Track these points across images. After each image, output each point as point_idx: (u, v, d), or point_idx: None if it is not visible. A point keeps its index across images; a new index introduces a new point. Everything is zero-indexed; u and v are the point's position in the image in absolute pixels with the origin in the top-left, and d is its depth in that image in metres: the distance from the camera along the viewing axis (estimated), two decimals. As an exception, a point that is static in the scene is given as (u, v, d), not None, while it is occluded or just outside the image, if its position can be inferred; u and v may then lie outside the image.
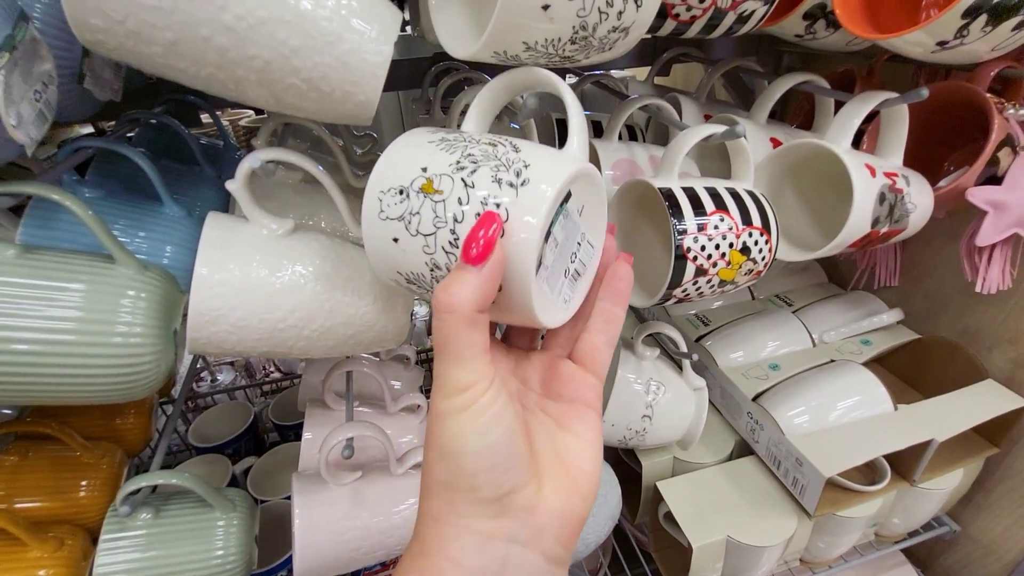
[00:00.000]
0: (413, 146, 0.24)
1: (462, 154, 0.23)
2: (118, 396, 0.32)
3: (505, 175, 0.22)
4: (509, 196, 0.21)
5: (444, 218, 0.22)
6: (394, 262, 0.24)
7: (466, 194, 0.22)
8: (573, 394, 0.25)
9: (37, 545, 0.41)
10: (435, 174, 0.23)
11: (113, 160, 0.43)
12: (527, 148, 0.24)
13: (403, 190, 0.23)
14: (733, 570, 0.55)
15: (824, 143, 0.40)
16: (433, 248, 0.22)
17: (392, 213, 0.23)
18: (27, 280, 0.29)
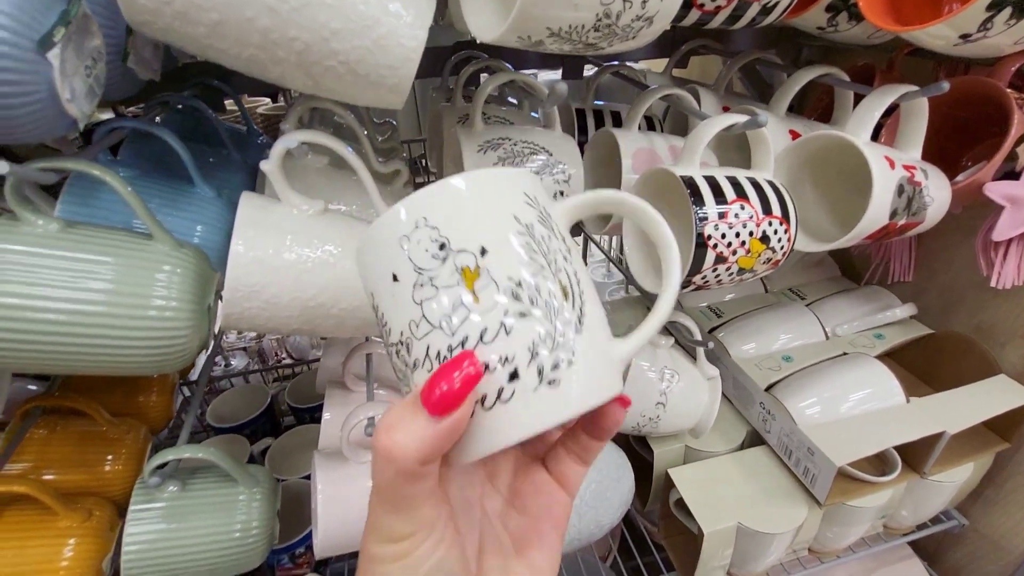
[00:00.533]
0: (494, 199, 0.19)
1: (534, 264, 0.18)
2: (152, 368, 0.33)
3: (545, 354, 0.18)
4: (530, 380, 0.17)
5: (456, 326, 0.18)
6: (377, 294, 0.20)
7: (498, 325, 0.17)
8: (540, 509, 0.23)
9: (67, 515, 0.43)
10: (489, 268, 0.18)
11: (144, 141, 0.44)
12: (591, 317, 0.19)
13: (444, 246, 0.18)
14: (742, 558, 0.56)
15: (844, 134, 0.41)
16: (421, 333, 0.18)
17: (416, 254, 0.18)
18: (69, 253, 0.30)
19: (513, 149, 0.40)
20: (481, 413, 0.18)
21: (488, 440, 0.18)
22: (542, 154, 0.41)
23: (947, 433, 0.51)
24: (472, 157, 0.39)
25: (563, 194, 0.42)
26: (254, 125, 0.57)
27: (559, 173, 0.41)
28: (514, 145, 0.40)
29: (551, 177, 0.41)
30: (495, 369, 0.17)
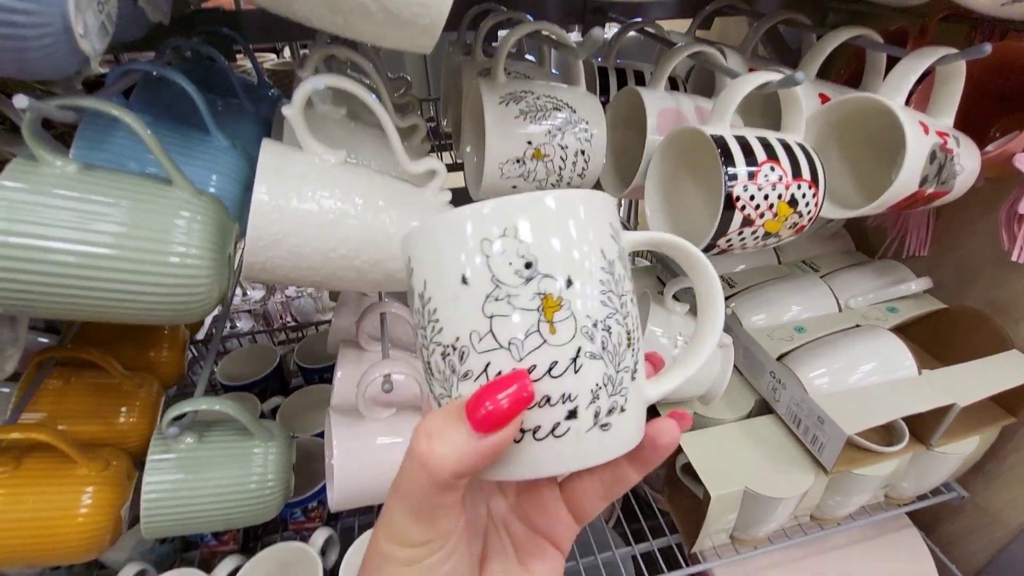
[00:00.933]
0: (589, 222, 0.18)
1: (610, 306, 0.18)
2: (172, 317, 0.33)
3: (604, 398, 0.18)
4: (586, 421, 0.18)
5: (525, 352, 0.17)
6: (434, 287, 0.18)
7: (569, 362, 0.17)
8: (545, 529, 0.22)
9: (85, 463, 0.43)
10: (572, 301, 0.17)
11: (155, 88, 0.43)
12: (641, 363, 0.20)
13: (531, 265, 0.17)
14: (746, 522, 0.57)
15: (879, 97, 0.40)
16: (483, 348, 0.17)
17: (498, 264, 0.17)
18: (88, 195, 0.29)
19: (536, 103, 0.38)
20: (529, 441, 0.18)
21: (529, 467, 0.18)
22: (565, 110, 0.39)
23: (957, 405, 0.51)
24: (494, 109, 0.38)
25: (584, 153, 0.41)
26: (265, 76, 0.55)
27: (581, 131, 0.40)
28: (537, 99, 0.39)
29: (573, 135, 0.40)
30: (556, 404, 0.17)
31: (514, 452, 0.18)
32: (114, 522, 0.44)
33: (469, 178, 0.47)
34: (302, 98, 0.30)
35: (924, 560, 0.63)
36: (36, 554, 0.42)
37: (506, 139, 0.38)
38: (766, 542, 0.60)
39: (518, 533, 0.22)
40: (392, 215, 0.33)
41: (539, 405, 0.17)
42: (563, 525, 0.22)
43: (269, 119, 0.49)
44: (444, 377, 0.18)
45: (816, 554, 0.63)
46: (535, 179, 0.40)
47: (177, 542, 0.62)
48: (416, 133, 0.46)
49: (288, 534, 0.63)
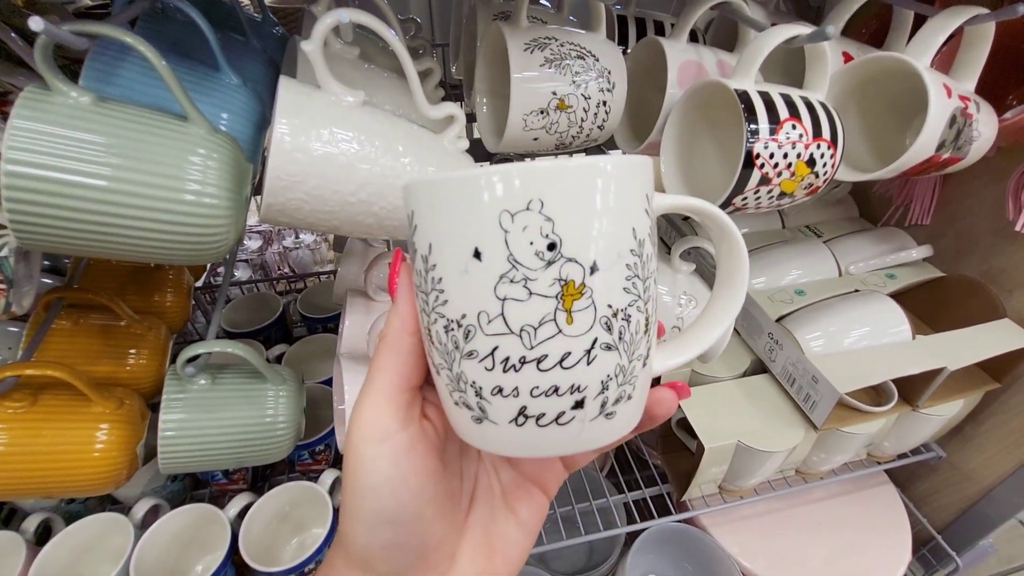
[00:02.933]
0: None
1: (633, 293, 0.17)
2: (188, 256, 0.33)
3: (612, 389, 0.17)
4: (592, 411, 0.18)
5: (538, 341, 0.16)
6: (441, 255, 0.17)
7: (583, 354, 0.16)
8: (535, 473, 0.23)
9: (100, 401, 0.44)
10: (593, 289, 0.16)
11: (160, 21, 0.41)
12: (653, 346, 0.19)
13: (555, 247, 0.16)
14: (735, 473, 0.60)
15: (906, 58, 0.39)
16: (492, 331, 0.16)
17: (516, 242, 0.16)
18: (101, 127, 0.28)
19: (560, 50, 0.37)
20: (532, 427, 0.17)
21: (528, 448, 0.18)
22: (589, 58, 0.38)
23: (947, 369, 0.53)
24: (519, 56, 0.37)
25: (606, 104, 0.40)
26: (269, 13, 0.53)
27: (604, 80, 0.39)
28: (560, 46, 0.38)
29: (596, 85, 0.39)
30: (563, 395, 0.17)
31: (516, 434, 0.17)
32: (130, 459, 0.45)
33: (484, 128, 0.47)
34: (322, 33, 0.29)
35: (898, 514, 0.66)
36: (53, 486, 0.43)
37: (532, 88, 0.37)
38: (752, 493, 0.63)
39: (507, 478, 0.23)
40: (411, 160, 0.33)
41: (546, 394, 0.17)
42: (553, 472, 0.23)
43: (275, 58, 0.48)
44: (446, 351, 0.18)
45: (797, 505, 0.67)
46: (557, 131, 0.39)
47: (188, 480, 0.63)
48: (430, 77, 0.45)
49: (295, 475, 0.65)
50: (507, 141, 0.39)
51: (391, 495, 0.18)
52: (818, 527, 0.65)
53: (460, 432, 0.19)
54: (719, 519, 0.64)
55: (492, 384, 0.17)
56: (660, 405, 0.21)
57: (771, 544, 0.63)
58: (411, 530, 0.19)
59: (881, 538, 0.64)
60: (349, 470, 0.18)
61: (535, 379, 0.16)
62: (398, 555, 0.19)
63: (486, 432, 0.18)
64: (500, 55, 0.39)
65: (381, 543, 0.18)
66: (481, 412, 0.18)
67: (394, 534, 0.18)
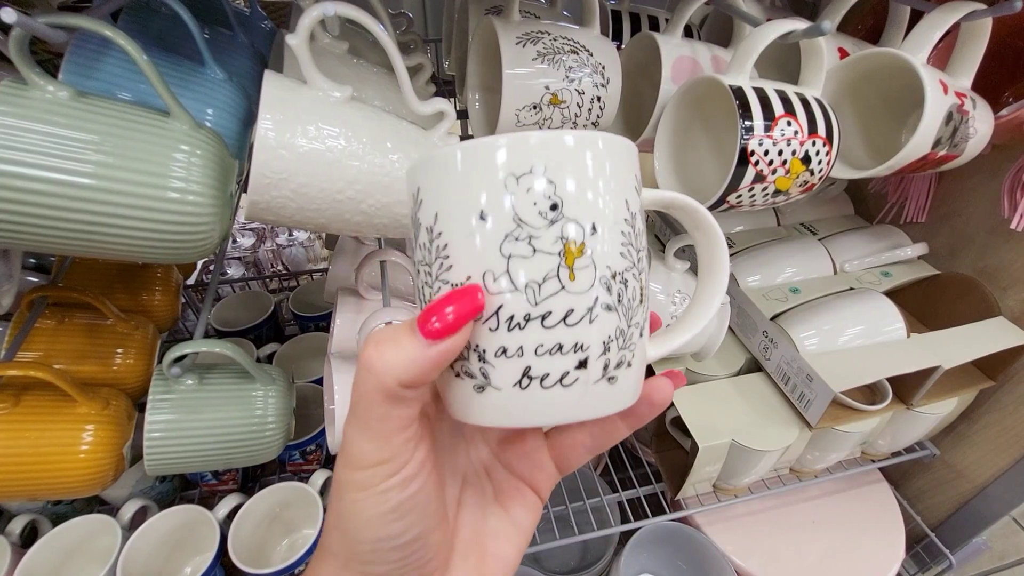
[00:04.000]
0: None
1: (629, 260, 0.18)
2: (174, 255, 0.32)
3: (615, 351, 0.18)
4: (595, 372, 0.17)
5: (542, 297, 0.16)
6: (448, 221, 0.17)
7: (585, 311, 0.17)
8: (526, 474, 0.22)
9: (85, 402, 0.43)
10: (594, 249, 0.17)
11: (144, 14, 0.40)
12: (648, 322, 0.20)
13: (557, 207, 0.16)
14: (729, 472, 0.60)
15: (902, 54, 0.39)
16: (497, 289, 0.17)
17: (521, 202, 0.16)
18: (80, 123, 0.27)
19: (553, 45, 0.37)
20: (536, 388, 0.17)
21: (532, 415, 0.18)
22: (582, 53, 0.38)
23: (941, 368, 0.53)
24: (511, 50, 0.36)
25: (600, 100, 0.39)
26: (258, 7, 0.52)
27: (598, 76, 0.39)
28: (554, 40, 0.37)
29: (591, 80, 0.38)
30: (567, 353, 0.17)
31: (519, 399, 0.17)
32: (116, 460, 0.44)
33: (475, 124, 0.46)
34: (308, 26, 0.28)
35: (892, 511, 0.66)
36: (38, 489, 0.42)
37: (524, 83, 0.36)
38: (746, 492, 0.63)
39: (499, 478, 0.22)
40: (400, 157, 0.32)
41: (550, 353, 0.17)
42: (545, 474, 0.22)
43: (263, 53, 0.47)
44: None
45: (791, 503, 0.67)
46: (550, 126, 0.38)
47: (177, 480, 0.63)
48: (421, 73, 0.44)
49: (286, 475, 0.65)
50: (499, 137, 0.39)
51: (399, 518, 0.17)
52: (812, 525, 0.65)
53: (458, 409, 0.19)
54: (713, 518, 0.64)
55: (497, 345, 0.17)
56: (657, 392, 0.20)
57: (765, 542, 0.62)
58: (415, 547, 0.18)
59: (875, 536, 0.64)
60: (350, 499, 0.17)
61: (540, 336, 0.17)
62: (401, 571, 0.18)
63: (488, 402, 0.18)
64: (492, 50, 0.39)
65: (386, 559, 0.18)
66: (484, 379, 0.17)
67: (400, 554, 0.18)
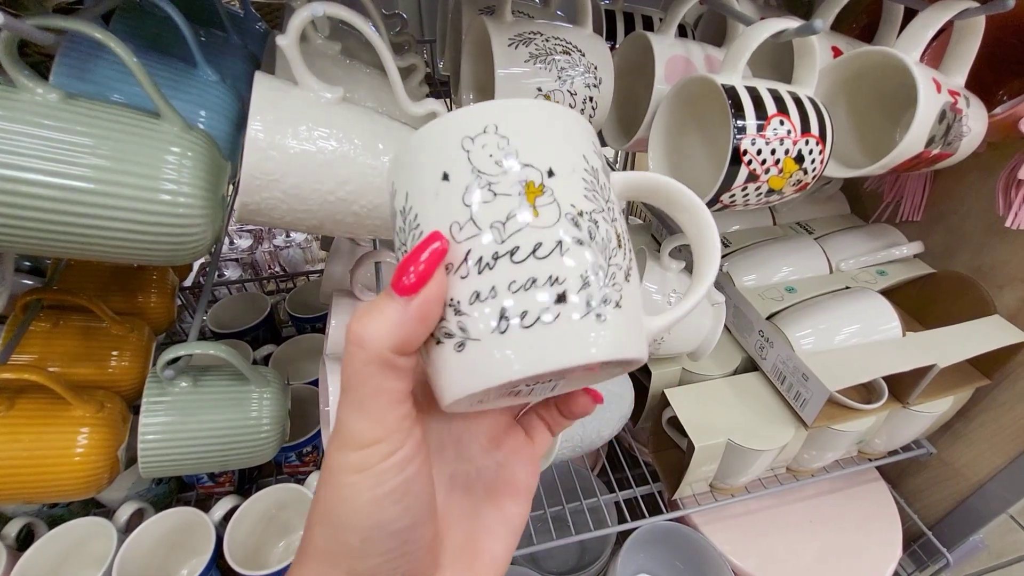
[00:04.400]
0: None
1: (596, 202, 0.18)
2: (165, 257, 0.32)
3: (595, 285, 0.17)
4: (578, 305, 0.17)
5: (508, 233, 0.16)
6: (415, 192, 0.18)
7: (555, 244, 0.17)
8: (509, 474, 0.22)
9: (80, 405, 0.43)
10: (554, 189, 0.17)
11: (137, 16, 0.40)
12: (635, 277, 0.19)
13: (511, 157, 0.17)
14: (725, 472, 0.59)
15: (895, 52, 0.39)
16: (464, 236, 0.17)
17: (478, 157, 0.17)
18: (70, 126, 0.27)
19: (545, 45, 0.37)
20: (517, 329, 0.16)
21: (519, 363, 0.16)
22: (575, 53, 0.38)
23: (937, 366, 0.53)
24: (503, 51, 0.36)
25: (592, 100, 0.39)
26: (251, 8, 0.52)
27: (590, 76, 0.39)
28: (546, 41, 0.37)
29: (583, 80, 0.38)
30: (542, 286, 0.16)
31: (502, 348, 0.16)
32: (111, 463, 0.44)
33: (469, 125, 0.46)
34: (298, 27, 0.28)
35: (889, 510, 0.66)
36: (33, 492, 0.42)
37: (516, 85, 0.36)
38: (743, 491, 0.63)
39: (489, 476, 0.22)
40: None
41: (524, 288, 0.16)
42: (527, 472, 0.23)
43: (257, 55, 0.47)
44: None
45: (788, 503, 0.67)
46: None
47: (173, 483, 0.63)
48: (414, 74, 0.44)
49: (283, 477, 0.65)
50: (492, 138, 0.39)
51: (394, 503, 0.17)
52: (809, 524, 0.65)
53: (445, 387, 0.17)
54: (710, 517, 0.64)
55: (470, 291, 0.16)
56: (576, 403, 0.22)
57: (762, 542, 0.62)
58: (408, 535, 0.18)
59: (872, 534, 0.64)
60: (343, 484, 0.16)
61: (511, 272, 0.16)
62: (391, 564, 0.18)
63: (470, 361, 0.17)
64: (485, 50, 0.39)
65: (376, 551, 0.17)
66: (462, 333, 0.17)
67: (393, 543, 0.17)
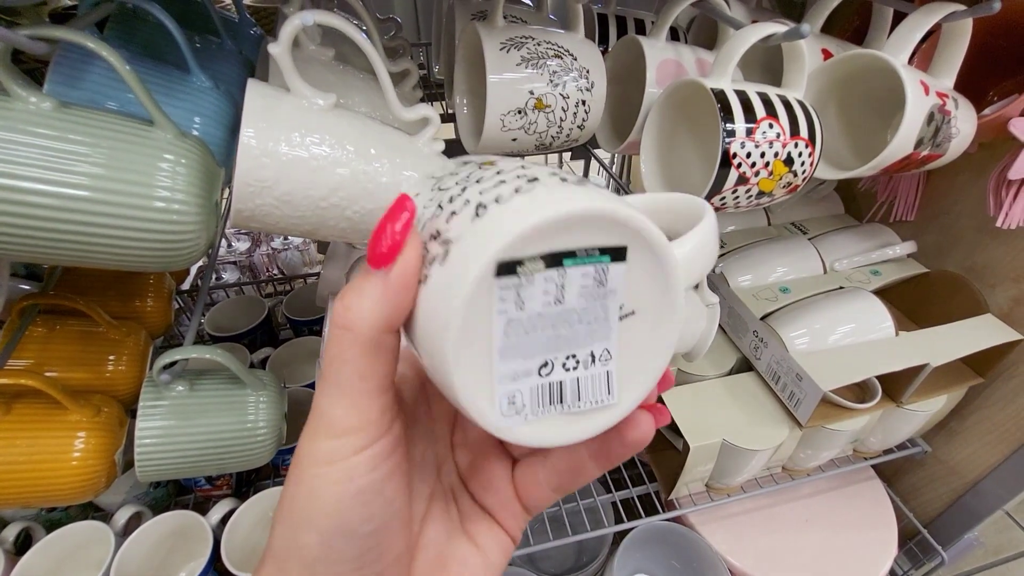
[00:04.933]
0: None
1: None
2: (159, 264, 0.32)
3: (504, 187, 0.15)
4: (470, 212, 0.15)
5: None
6: None
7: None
8: (491, 507, 0.20)
9: (76, 409, 0.43)
10: None
11: (130, 23, 0.40)
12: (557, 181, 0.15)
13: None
14: (721, 472, 0.60)
15: (882, 55, 0.39)
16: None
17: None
18: (64, 135, 0.28)
19: (537, 50, 0.37)
20: (493, 209, 0.14)
21: (501, 233, 0.13)
22: (567, 57, 0.38)
23: (929, 365, 0.53)
24: (495, 56, 0.36)
25: (585, 104, 0.40)
26: (246, 13, 0.52)
27: (583, 80, 0.39)
28: (537, 45, 0.37)
29: (575, 84, 0.39)
30: (511, 179, 0.15)
31: (479, 231, 0.14)
32: (108, 467, 0.45)
33: (463, 129, 0.46)
34: (289, 35, 0.29)
35: (884, 509, 0.67)
36: (30, 496, 0.43)
37: (508, 89, 0.37)
38: (739, 491, 0.63)
39: (465, 506, 0.20)
40: (384, 164, 0.32)
41: (495, 185, 0.15)
42: (510, 511, 0.20)
43: (251, 60, 0.47)
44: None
45: (784, 502, 0.67)
46: (536, 131, 0.39)
47: (171, 486, 0.63)
48: (408, 79, 0.44)
49: (280, 480, 0.65)
50: (485, 142, 0.39)
51: (363, 504, 0.15)
52: (806, 523, 0.65)
53: (433, 309, 0.15)
54: (707, 517, 0.64)
55: (447, 212, 0.15)
56: (633, 427, 0.17)
57: (759, 541, 0.63)
58: (371, 543, 0.16)
59: (868, 533, 0.64)
60: (310, 475, 0.15)
61: (485, 178, 0.15)
62: (352, 572, 0.16)
63: (455, 262, 0.14)
64: (478, 55, 0.39)
65: (337, 558, 0.16)
66: (446, 245, 0.15)
67: (354, 547, 0.16)
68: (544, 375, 0.16)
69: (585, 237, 0.14)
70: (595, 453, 0.18)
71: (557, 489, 0.19)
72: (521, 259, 0.14)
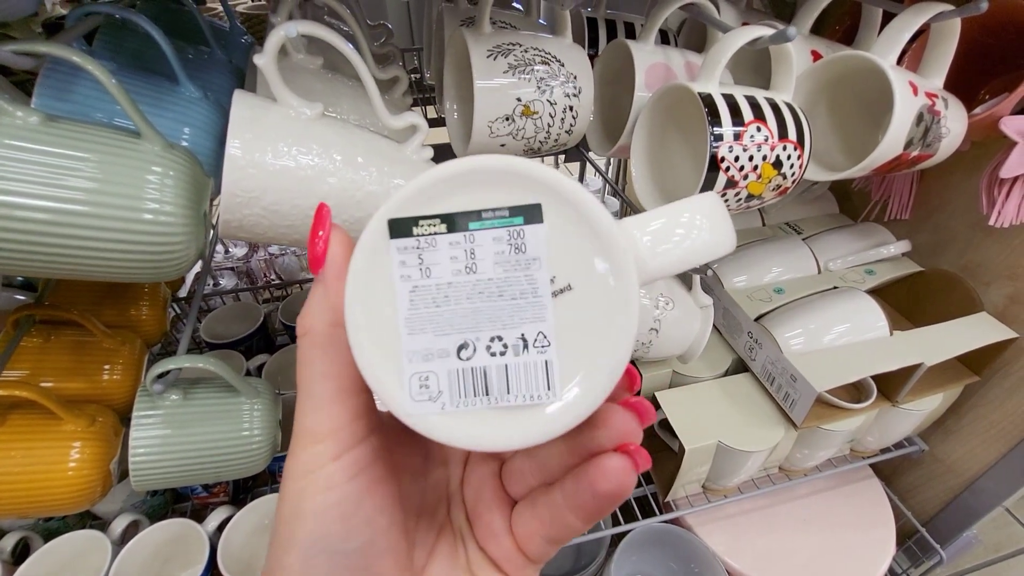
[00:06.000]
0: None
1: None
2: (149, 275, 0.32)
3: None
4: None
5: None
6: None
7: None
8: (496, 559, 0.19)
9: (71, 419, 0.43)
10: None
11: (119, 34, 0.41)
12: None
13: None
14: (717, 473, 0.60)
15: (870, 56, 0.39)
16: None
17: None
18: (51, 148, 0.28)
19: (524, 56, 0.37)
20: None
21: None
22: (554, 63, 0.38)
23: (924, 365, 0.53)
24: (481, 63, 0.37)
25: (572, 109, 0.40)
26: (237, 22, 0.52)
27: (569, 86, 0.39)
28: (524, 52, 0.37)
29: (562, 90, 0.39)
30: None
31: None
32: (104, 476, 0.45)
33: (453, 135, 0.46)
34: (274, 46, 0.29)
35: (882, 507, 0.67)
36: (26, 507, 0.43)
37: (495, 96, 0.37)
38: (736, 491, 0.63)
39: (473, 554, 0.19)
40: (372, 172, 0.33)
41: None
42: (514, 564, 0.19)
43: (242, 68, 0.47)
44: None
45: (782, 502, 0.67)
46: (524, 137, 0.39)
47: (168, 494, 0.63)
48: (397, 85, 0.44)
49: (277, 487, 0.65)
50: (474, 148, 0.39)
51: (341, 516, 0.15)
52: (803, 523, 0.65)
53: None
54: (704, 518, 0.64)
55: None
56: (603, 479, 0.15)
57: (757, 542, 0.63)
58: (356, 564, 0.16)
59: (866, 532, 0.64)
60: (295, 490, 0.15)
61: None
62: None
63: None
64: (466, 61, 0.39)
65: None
66: None
67: (334, 566, 0.16)
68: (464, 358, 0.14)
69: (489, 196, 0.13)
70: (569, 501, 0.16)
71: (549, 539, 0.18)
72: (415, 218, 0.13)
